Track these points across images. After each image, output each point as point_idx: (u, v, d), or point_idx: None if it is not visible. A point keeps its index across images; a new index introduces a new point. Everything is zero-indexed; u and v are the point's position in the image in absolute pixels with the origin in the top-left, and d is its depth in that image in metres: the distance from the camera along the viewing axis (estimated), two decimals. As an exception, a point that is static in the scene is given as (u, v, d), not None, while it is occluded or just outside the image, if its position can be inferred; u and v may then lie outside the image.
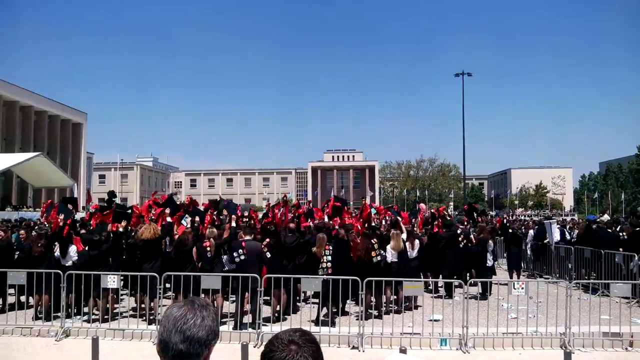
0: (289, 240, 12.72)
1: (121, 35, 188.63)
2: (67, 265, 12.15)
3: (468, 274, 14.71)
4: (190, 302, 2.13)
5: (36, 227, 17.54)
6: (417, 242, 14.22)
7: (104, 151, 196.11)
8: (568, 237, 19.72)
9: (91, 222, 14.40)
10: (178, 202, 16.64)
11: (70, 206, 15.02)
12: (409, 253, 13.71)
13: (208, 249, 11.87)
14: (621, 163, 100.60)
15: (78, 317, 11.90)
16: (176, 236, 12.62)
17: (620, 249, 15.45)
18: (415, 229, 16.24)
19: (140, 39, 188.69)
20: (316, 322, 11.61)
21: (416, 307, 12.45)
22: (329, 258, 11.97)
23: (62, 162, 59.30)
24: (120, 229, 12.61)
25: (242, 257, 11.40)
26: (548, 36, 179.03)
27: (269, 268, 11.94)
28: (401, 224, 14.83)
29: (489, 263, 15.34)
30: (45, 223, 17.45)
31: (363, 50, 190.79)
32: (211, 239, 12.04)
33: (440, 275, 15.37)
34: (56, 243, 12.55)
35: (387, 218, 18.59)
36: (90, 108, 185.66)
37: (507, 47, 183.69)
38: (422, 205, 23.71)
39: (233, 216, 13.90)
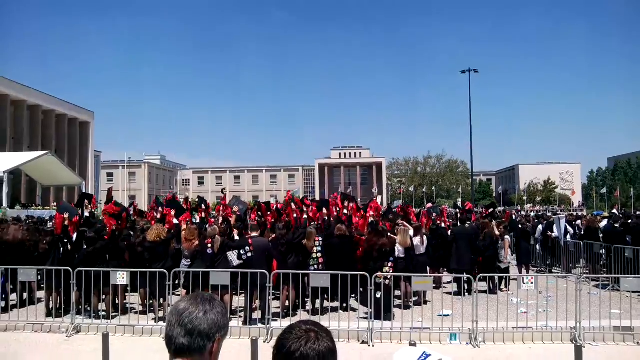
0: (294, 235, 12.76)
1: (128, 35, 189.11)
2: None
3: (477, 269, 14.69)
4: (194, 296, 2.14)
5: (41, 225, 17.59)
6: (425, 238, 14.22)
7: (112, 150, 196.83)
8: (570, 231, 19.62)
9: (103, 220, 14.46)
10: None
11: (82, 203, 15.11)
12: (418, 248, 13.71)
13: (209, 245, 11.79)
14: (630, 158, 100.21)
15: (88, 313, 11.93)
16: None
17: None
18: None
19: (148, 38, 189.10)
20: (321, 312, 11.66)
21: (425, 302, 12.44)
22: (319, 249, 12.32)
23: (70, 161, 59.44)
24: (113, 227, 12.65)
25: (250, 254, 11.42)
26: (556, 32, 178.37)
27: (278, 264, 11.99)
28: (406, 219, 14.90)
29: (505, 261, 15.32)
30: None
31: (371, 46, 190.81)
32: (216, 236, 12.01)
33: (447, 270, 15.35)
34: (69, 239, 12.62)
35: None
36: (97, 107, 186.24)
37: (515, 43, 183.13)
38: (429, 205, 23.83)
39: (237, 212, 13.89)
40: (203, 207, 17.98)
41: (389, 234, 12.89)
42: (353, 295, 12.10)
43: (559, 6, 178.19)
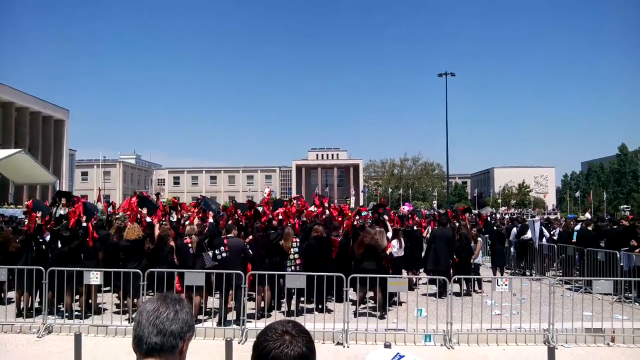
0: (271, 237, 12.72)
1: (104, 33, 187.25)
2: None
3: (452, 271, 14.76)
4: (163, 296, 2.13)
5: (13, 224, 17.30)
6: (403, 241, 14.25)
7: (86, 148, 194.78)
8: (547, 234, 19.81)
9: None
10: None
11: (58, 201, 14.86)
12: (396, 251, 13.74)
13: (190, 245, 11.78)
14: (603, 163, 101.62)
15: (60, 313, 11.78)
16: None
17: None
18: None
19: (123, 37, 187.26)
20: (297, 313, 11.65)
21: (400, 304, 12.47)
22: (296, 250, 12.37)
23: (44, 159, 58.67)
24: (84, 224, 12.52)
25: (224, 255, 11.38)
26: (532, 37, 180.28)
27: (253, 265, 11.93)
28: (387, 222, 14.93)
29: (473, 260, 15.42)
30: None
31: (348, 49, 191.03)
32: (192, 235, 11.95)
33: (424, 271, 15.42)
34: (42, 239, 12.47)
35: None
36: (72, 105, 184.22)
37: (491, 47, 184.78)
38: (403, 208, 23.89)
39: (210, 213, 13.80)
40: (179, 208, 17.85)
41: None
42: (329, 297, 12.11)
43: (533, 8, 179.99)
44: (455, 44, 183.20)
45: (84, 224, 12.58)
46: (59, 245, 12.25)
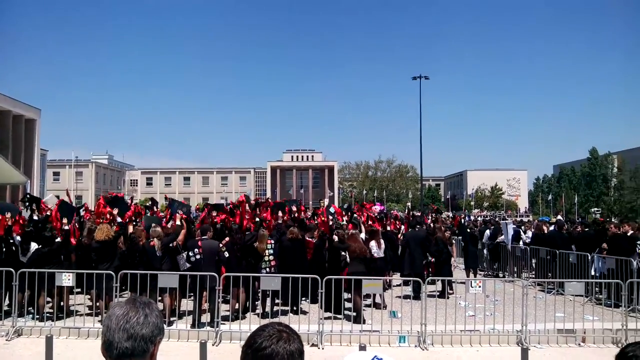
0: (246, 238, 12.67)
1: (77, 31, 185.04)
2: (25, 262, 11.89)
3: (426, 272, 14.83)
4: (132, 300, 2.12)
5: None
6: (382, 241, 14.27)
7: (58, 148, 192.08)
8: (523, 237, 20.03)
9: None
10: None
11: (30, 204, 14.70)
12: (375, 252, 13.75)
13: (156, 248, 11.63)
14: (574, 166, 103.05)
15: (30, 315, 11.59)
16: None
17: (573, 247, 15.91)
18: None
19: (96, 35, 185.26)
20: (271, 315, 11.62)
21: (385, 307, 12.44)
22: (271, 252, 12.41)
23: (14, 159, 57.73)
24: (65, 227, 12.40)
25: (198, 257, 11.31)
26: (503, 40, 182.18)
27: (227, 267, 11.87)
28: (361, 223, 14.99)
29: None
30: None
31: (323, 51, 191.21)
32: (155, 238, 11.78)
33: (400, 274, 15.47)
34: (12, 240, 12.26)
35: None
36: (44, 104, 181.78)
37: (466, 49, 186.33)
38: (375, 208, 23.90)
39: (176, 215, 13.62)
40: (154, 208, 17.71)
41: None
42: (304, 298, 12.09)
43: (506, 13, 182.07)
44: (430, 46, 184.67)
45: (66, 227, 12.46)
46: (34, 246, 12.09)
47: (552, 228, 19.24)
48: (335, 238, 12.95)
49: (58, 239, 12.02)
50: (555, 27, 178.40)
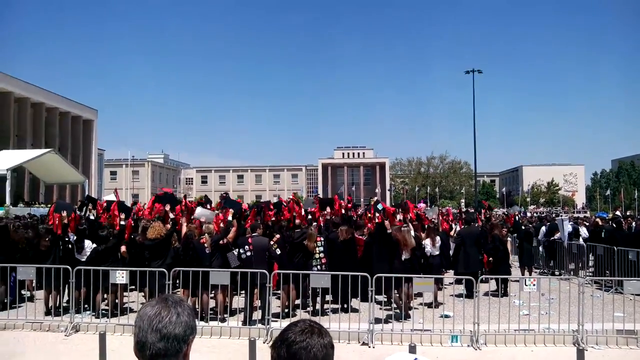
0: (295, 236, 12.69)
1: (132, 34, 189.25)
2: (82, 260, 12.21)
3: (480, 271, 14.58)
4: (163, 299, 2.09)
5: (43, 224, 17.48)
6: (438, 238, 14.05)
7: (115, 148, 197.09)
8: (582, 233, 19.52)
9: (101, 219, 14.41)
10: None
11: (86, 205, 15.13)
12: (429, 250, 13.58)
13: (206, 245, 11.76)
14: (633, 161, 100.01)
15: (87, 312, 11.89)
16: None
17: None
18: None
19: (151, 38, 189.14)
20: (322, 313, 11.60)
21: (435, 306, 12.31)
22: (322, 249, 12.35)
23: (73, 159, 59.40)
24: (122, 223, 12.67)
25: (249, 254, 11.38)
26: (561, 34, 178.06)
27: (280, 264, 11.92)
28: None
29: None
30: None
31: (374, 47, 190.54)
32: (207, 234, 11.93)
33: (454, 272, 15.23)
34: (68, 238, 12.59)
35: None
36: (101, 105, 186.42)
37: (520, 44, 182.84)
38: (421, 205, 23.62)
39: (230, 211, 13.73)
40: (208, 206, 17.92)
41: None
42: (357, 298, 12.04)
43: (563, 6, 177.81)
44: (484, 41, 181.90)
45: (122, 223, 12.76)
46: (88, 244, 12.41)
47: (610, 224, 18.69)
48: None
49: (112, 238, 12.29)
50: (614, 19, 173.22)
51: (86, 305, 11.98)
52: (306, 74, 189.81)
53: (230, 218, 12.93)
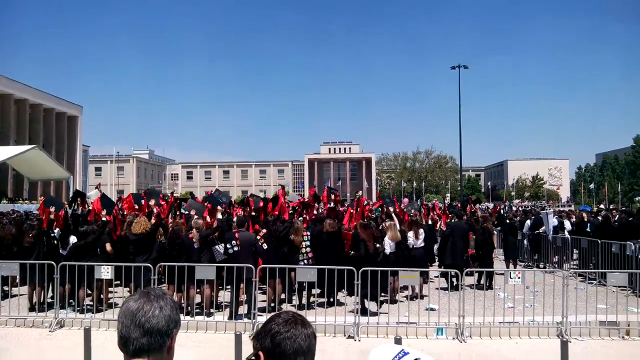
0: (280, 229, 12.70)
1: (117, 30, 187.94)
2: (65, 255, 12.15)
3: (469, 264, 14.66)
4: (145, 293, 2.06)
5: (27, 220, 17.37)
6: (421, 231, 14.12)
7: (100, 144, 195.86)
8: (568, 227, 19.65)
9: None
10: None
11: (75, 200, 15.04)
12: (413, 243, 13.64)
13: (194, 240, 11.74)
14: (617, 154, 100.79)
15: (71, 307, 11.81)
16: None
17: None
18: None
19: (136, 34, 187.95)
20: (308, 307, 11.64)
21: (422, 297, 12.35)
22: (308, 244, 12.34)
23: (57, 155, 59.04)
24: (104, 218, 12.61)
25: (236, 249, 11.36)
26: (545, 28, 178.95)
27: (265, 259, 11.90)
28: (393, 214, 14.86)
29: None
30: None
31: (360, 43, 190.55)
32: (194, 230, 11.91)
33: (443, 265, 15.30)
34: (53, 234, 12.53)
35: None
36: (85, 101, 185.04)
37: (504, 39, 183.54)
38: (406, 200, 23.77)
39: (219, 208, 13.75)
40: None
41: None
42: (343, 291, 12.07)
43: (549, 2, 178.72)
44: (469, 37, 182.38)
45: (104, 218, 12.69)
46: (73, 240, 12.33)
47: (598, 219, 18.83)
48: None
49: (93, 233, 12.20)
50: (598, 13, 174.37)
51: (71, 301, 11.89)
52: (293, 70, 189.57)
53: (219, 216, 12.97)
